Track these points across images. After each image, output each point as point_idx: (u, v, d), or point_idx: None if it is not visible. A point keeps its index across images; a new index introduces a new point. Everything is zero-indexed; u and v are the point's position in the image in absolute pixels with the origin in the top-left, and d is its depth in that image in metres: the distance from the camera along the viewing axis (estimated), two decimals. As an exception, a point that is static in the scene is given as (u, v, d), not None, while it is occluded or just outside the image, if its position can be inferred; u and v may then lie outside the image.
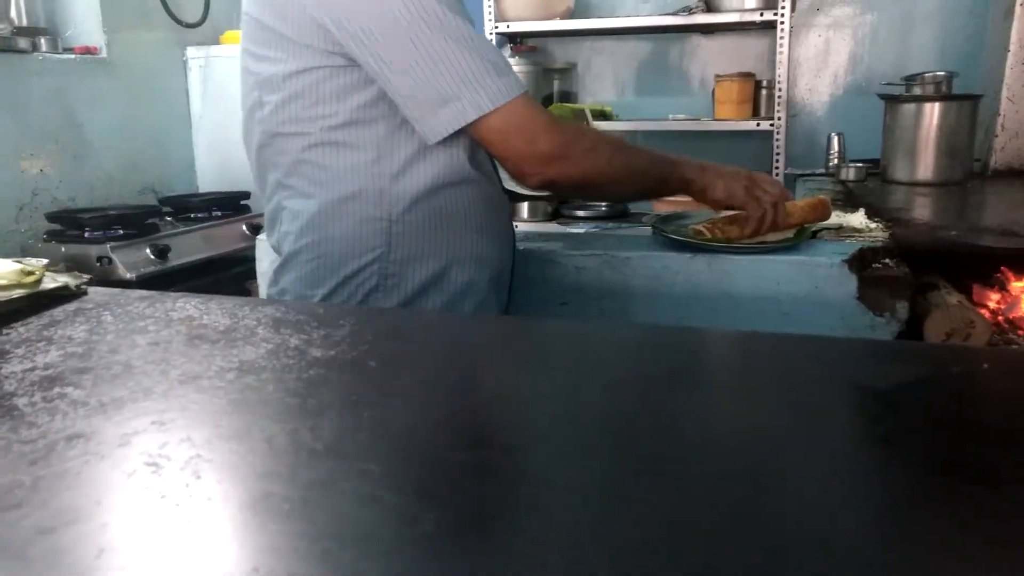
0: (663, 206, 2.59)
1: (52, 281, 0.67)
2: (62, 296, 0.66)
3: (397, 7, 0.89)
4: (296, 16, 0.94)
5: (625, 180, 1.09)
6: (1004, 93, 2.10)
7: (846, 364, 0.52)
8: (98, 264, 2.01)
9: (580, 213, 2.84)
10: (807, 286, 1.26)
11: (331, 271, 1.01)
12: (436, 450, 0.40)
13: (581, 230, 2.81)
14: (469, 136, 0.99)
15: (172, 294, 0.68)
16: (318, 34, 0.93)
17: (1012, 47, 2.08)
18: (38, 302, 0.64)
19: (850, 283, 1.24)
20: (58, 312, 0.63)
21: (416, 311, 0.71)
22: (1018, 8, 2.06)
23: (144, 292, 0.69)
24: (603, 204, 2.96)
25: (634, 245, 1.38)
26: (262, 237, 1.57)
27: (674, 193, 1.23)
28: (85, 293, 0.68)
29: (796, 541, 0.33)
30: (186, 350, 0.54)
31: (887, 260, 1.28)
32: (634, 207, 2.89)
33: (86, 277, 1.70)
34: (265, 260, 1.54)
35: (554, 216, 2.87)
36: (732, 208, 1.26)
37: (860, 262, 1.26)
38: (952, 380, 0.46)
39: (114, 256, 2.00)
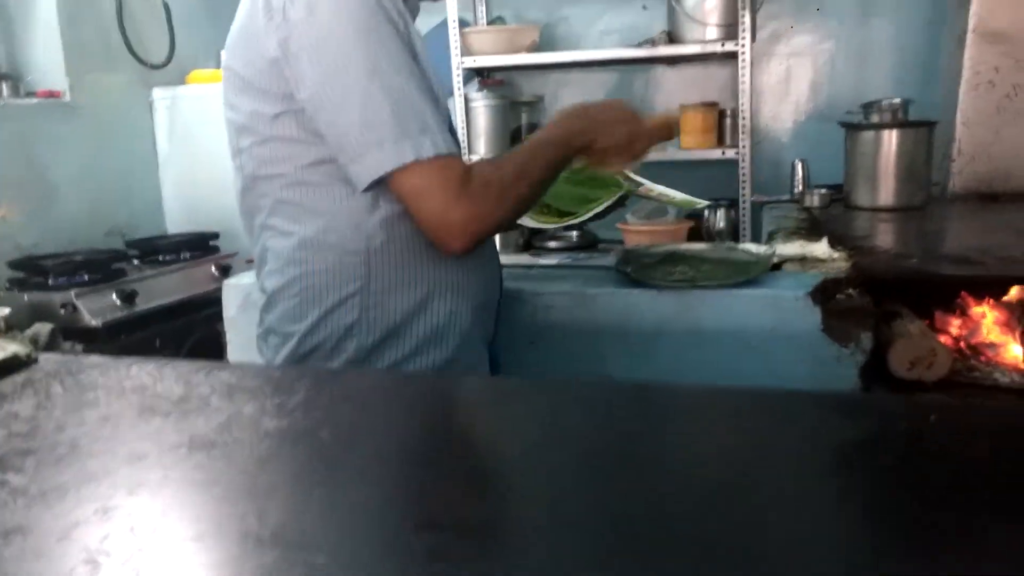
0: (632, 236, 2.61)
1: (0, 351, 0.66)
2: (11, 366, 0.65)
3: (337, 53, 0.92)
4: (260, 63, 0.97)
5: (536, 193, 1.08)
6: (959, 119, 2.16)
7: (805, 418, 0.52)
8: (62, 311, 1.98)
9: (551, 244, 2.86)
10: (773, 319, 1.28)
11: (313, 305, 1.03)
12: (388, 533, 0.39)
13: (553, 261, 2.82)
14: None
15: (126, 360, 0.67)
16: (281, 77, 0.96)
17: (965, 73, 2.14)
18: (-14, 375, 0.63)
19: (815, 315, 1.26)
20: (6, 385, 0.62)
21: (371, 372, 0.70)
22: (970, 36, 2.12)
23: (97, 359, 0.68)
24: (574, 234, 2.98)
25: (602, 282, 1.39)
26: (229, 282, 1.56)
27: (583, 152, 1.14)
28: (35, 361, 0.66)
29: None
30: (136, 424, 0.53)
31: (850, 291, 1.29)
32: (605, 234, 2.91)
33: (48, 329, 1.67)
34: (232, 305, 1.53)
35: (526, 248, 2.89)
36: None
37: (823, 294, 1.28)
38: (900, 437, 0.46)
39: (79, 303, 1.97)
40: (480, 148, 2.77)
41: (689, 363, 1.32)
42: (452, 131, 1.06)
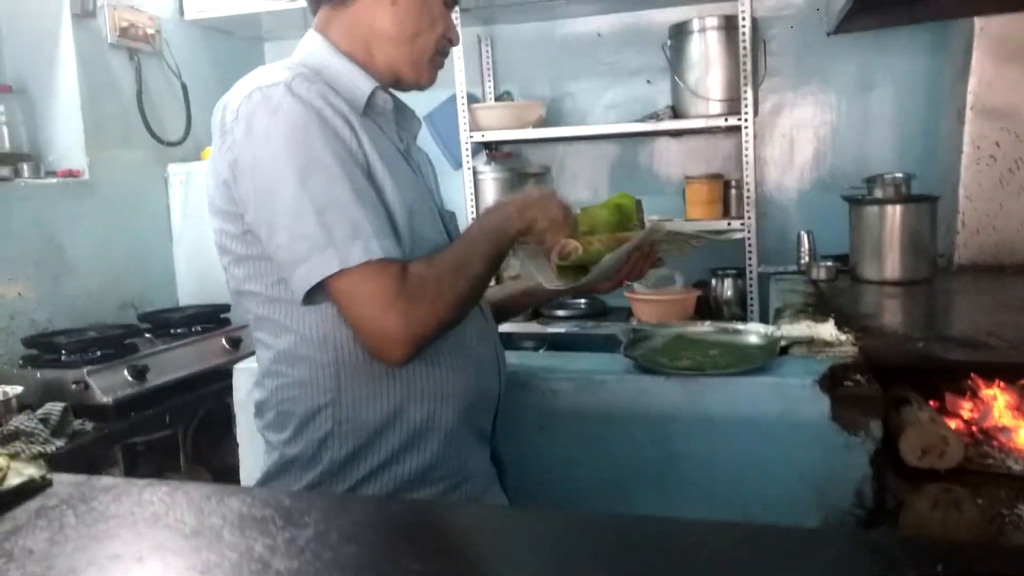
0: (639, 305, 2.62)
1: (17, 475, 0.67)
2: (27, 491, 0.66)
3: (270, 170, 0.94)
4: (219, 184, 1.01)
5: (475, 289, 1.04)
6: (962, 192, 2.18)
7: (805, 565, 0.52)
8: (74, 388, 1.99)
9: (560, 313, 2.88)
10: (781, 406, 1.28)
11: (289, 417, 1.05)
12: None
13: (562, 329, 2.84)
14: None
15: (138, 482, 0.67)
16: (232, 200, 0.99)
17: (966, 148, 2.18)
18: (2, 501, 0.64)
19: (823, 402, 1.26)
20: (21, 513, 0.63)
21: (385, 501, 0.71)
22: (968, 112, 2.16)
23: (109, 481, 0.69)
24: (582, 302, 3.00)
25: (609, 366, 1.39)
26: (240, 366, 1.58)
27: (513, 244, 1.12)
28: (50, 484, 0.67)
29: None
30: (147, 560, 0.54)
31: (858, 377, 1.30)
32: (613, 301, 2.93)
33: (59, 408, 1.68)
34: (242, 389, 1.54)
35: (534, 316, 2.91)
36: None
37: (831, 380, 1.28)
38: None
39: (90, 380, 1.98)
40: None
41: (698, 450, 1.32)
42: (409, 231, 1.03)
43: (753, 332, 1.48)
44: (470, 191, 2.78)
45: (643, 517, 0.64)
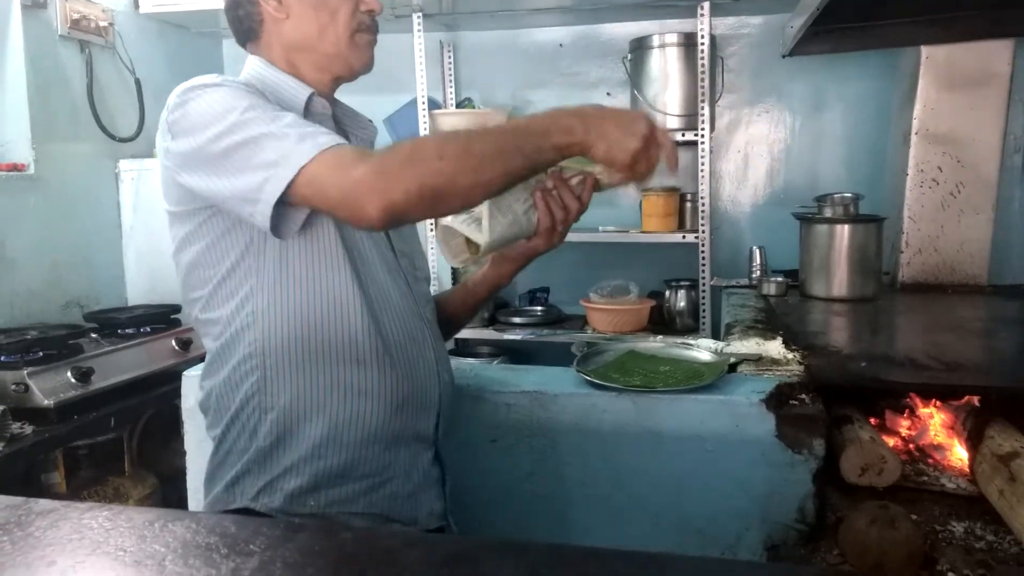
0: (595, 314, 2.65)
1: (-52, 496, 0.64)
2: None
3: (210, 120, 0.96)
4: (169, 188, 1.05)
5: (477, 166, 0.92)
6: (906, 213, 2.26)
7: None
8: (14, 390, 1.93)
9: (515, 320, 2.89)
10: (729, 424, 1.31)
11: (222, 412, 1.09)
12: None
13: (517, 336, 2.85)
14: (338, 269, 1.03)
15: (79, 506, 0.66)
16: (177, 185, 1.02)
17: (910, 171, 2.25)
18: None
19: (769, 421, 1.29)
20: (-47, 536, 0.61)
21: (332, 528, 0.70)
22: (913, 137, 2.24)
23: (47, 504, 0.67)
24: (538, 309, 3.02)
25: (563, 382, 1.41)
26: (188, 373, 1.55)
27: (564, 158, 1.00)
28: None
29: None
30: (86, 590, 0.53)
31: (803, 396, 1.33)
32: (569, 309, 2.95)
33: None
34: (191, 396, 1.52)
35: (490, 323, 2.91)
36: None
37: (778, 400, 1.31)
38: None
39: (31, 382, 1.92)
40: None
41: (648, 465, 1.34)
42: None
43: (704, 349, 1.51)
44: (429, 197, 2.77)
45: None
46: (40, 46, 2.38)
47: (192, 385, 1.51)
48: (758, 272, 2.43)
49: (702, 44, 2.56)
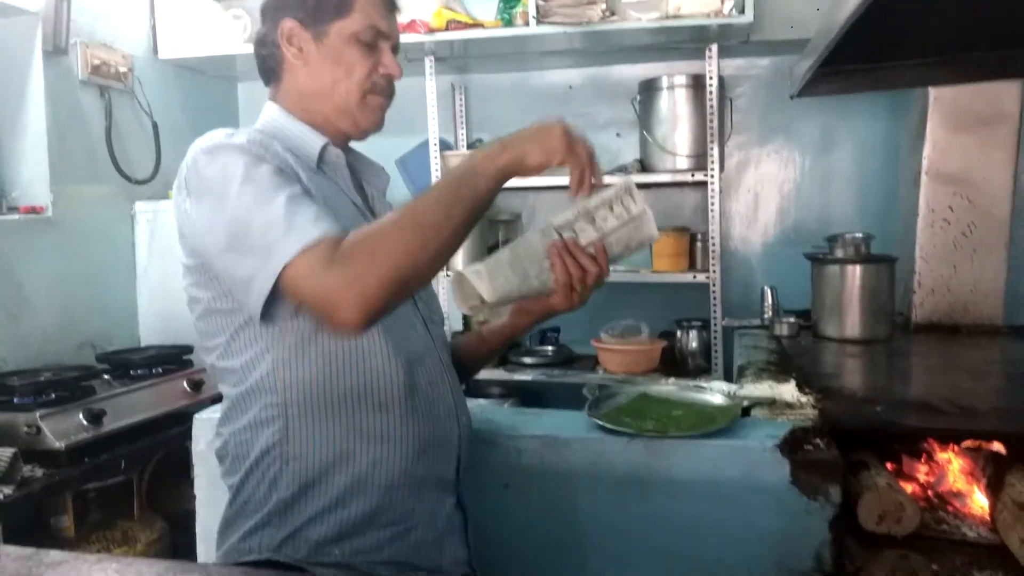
0: (606, 354, 2.64)
1: (-41, 550, 0.64)
2: (-29, 566, 0.64)
3: (216, 199, 0.97)
4: (181, 242, 1.06)
5: (432, 236, 0.93)
6: (918, 253, 2.25)
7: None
8: (26, 432, 1.93)
9: (527, 360, 2.88)
10: (742, 470, 1.29)
11: (240, 460, 1.08)
12: None
13: (528, 377, 2.84)
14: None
15: (88, 558, 0.66)
16: (189, 248, 1.04)
17: (921, 211, 2.25)
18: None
19: (784, 467, 1.27)
20: (-36, 592, 0.61)
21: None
22: (923, 177, 2.24)
23: (57, 556, 0.67)
24: (549, 348, 3.00)
25: (575, 426, 1.40)
26: (200, 416, 1.55)
27: (500, 184, 1.00)
28: (-6, 556, 0.65)
29: None
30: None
31: (818, 440, 1.31)
32: (580, 349, 2.94)
33: (8, 454, 1.67)
34: (201, 440, 1.51)
35: (501, 362, 2.90)
36: (558, 165, 1.05)
37: (792, 445, 1.29)
38: None
39: (43, 424, 1.92)
40: (458, 265, 2.82)
41: (661, 511, 1.32)
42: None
43: (717, 391, 1.50)
44: (440, 237, 2.79)
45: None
46: (61, 91, 2.43)
47: (203, 427, 1.51)
48: (770, 312, 2.41)
49: (711, 85, 2.59)
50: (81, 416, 2.02)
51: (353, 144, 1.22)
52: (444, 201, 0.96)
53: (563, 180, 1.09)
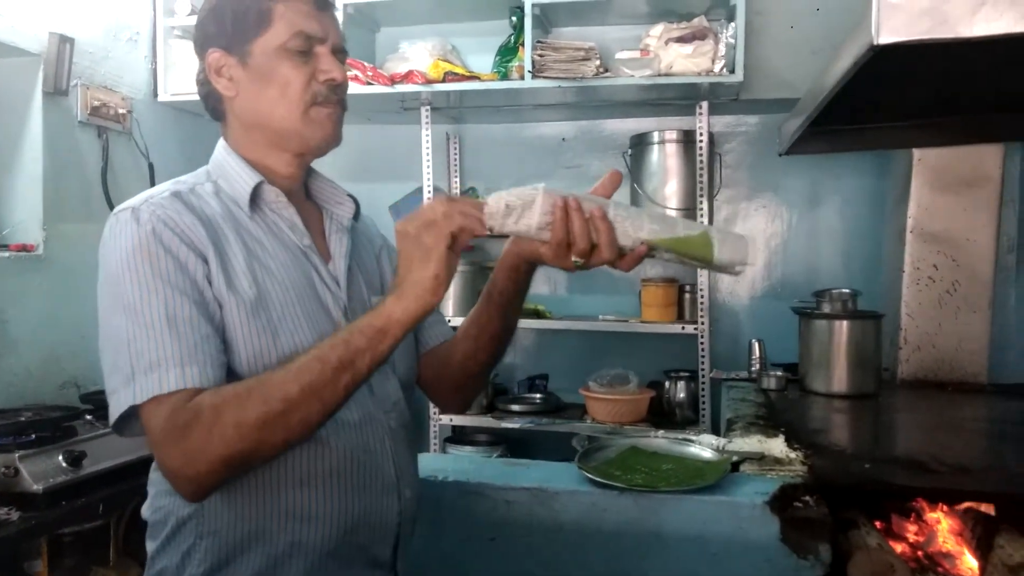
0: (593, 403, 2.63)
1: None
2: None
3: (103, 304, 0.94)
4: None
5: (287, 412, 0.86)
6: (903, 310, 2.28)
7: None
8: (3, 473, 1.89)
9: (515, 408, 2.86)
10: (732, 526, 1.28)
11: (159, 527, 1.00)
12: None
13: (516, 425, 2.82)
14: None
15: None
16: None
17: (906, 268, 2.29)
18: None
19: (773, 524, 1.26)
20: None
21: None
22: (908, 235, 2.28)
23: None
24: (537, 396, 3.00)
25: (564, 478, 1.39)
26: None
27: (398, 339, 0.90)
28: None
29: None
30: None
31: (807, 498, 1.31)
32: (568, 398, 2.93)
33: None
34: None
35: (489, 410, 2.88)
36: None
37: (781, 502, 1.29)
38: None
39: (21, 467, 1.88)
40: (449, 311, 2.83)
41: (651, 568, 1.31)
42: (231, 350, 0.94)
43: (706, 445, 1.50)
44: (431, 283, 2.79)
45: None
46: (59, 131, 2.44)
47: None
48: (757, 365, 2.42)
49: (701, 141, 2.64)
50: (61, 458, 1.98)
51: (346, 180, 1.16)
52: (302, 372, 0.87)
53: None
